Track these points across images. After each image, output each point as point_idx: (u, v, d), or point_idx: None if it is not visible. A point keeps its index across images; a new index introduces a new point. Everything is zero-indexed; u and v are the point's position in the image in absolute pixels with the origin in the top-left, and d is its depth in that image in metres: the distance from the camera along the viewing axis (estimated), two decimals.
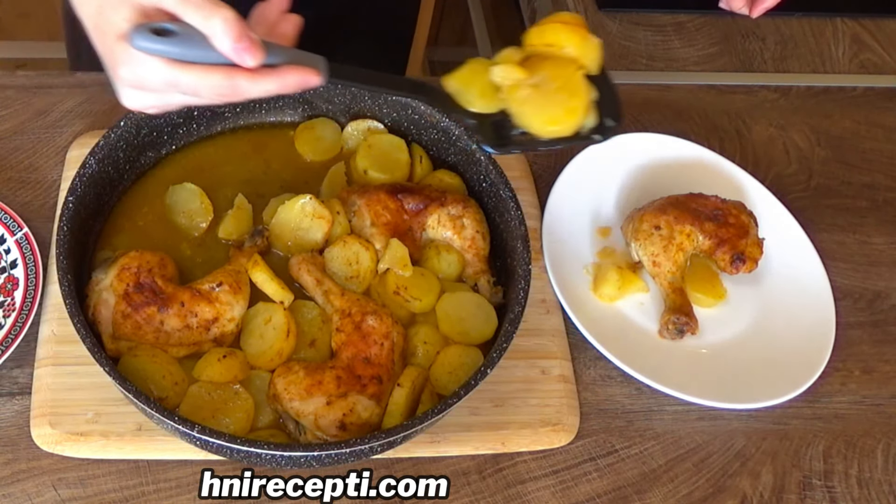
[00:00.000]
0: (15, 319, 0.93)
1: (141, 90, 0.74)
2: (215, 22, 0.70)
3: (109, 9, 0.73)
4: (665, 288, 1.04)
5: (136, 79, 0.73)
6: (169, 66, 0.72)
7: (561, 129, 0.84)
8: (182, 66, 0.72)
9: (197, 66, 0.72)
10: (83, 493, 0.88)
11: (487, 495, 0.92)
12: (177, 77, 0.72)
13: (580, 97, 0.84)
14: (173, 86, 0.73)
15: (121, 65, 0.73)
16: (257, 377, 0.90)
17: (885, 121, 1.30)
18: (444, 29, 2.32)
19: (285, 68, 0.73)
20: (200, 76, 0.72)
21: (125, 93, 0.75)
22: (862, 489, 0.98)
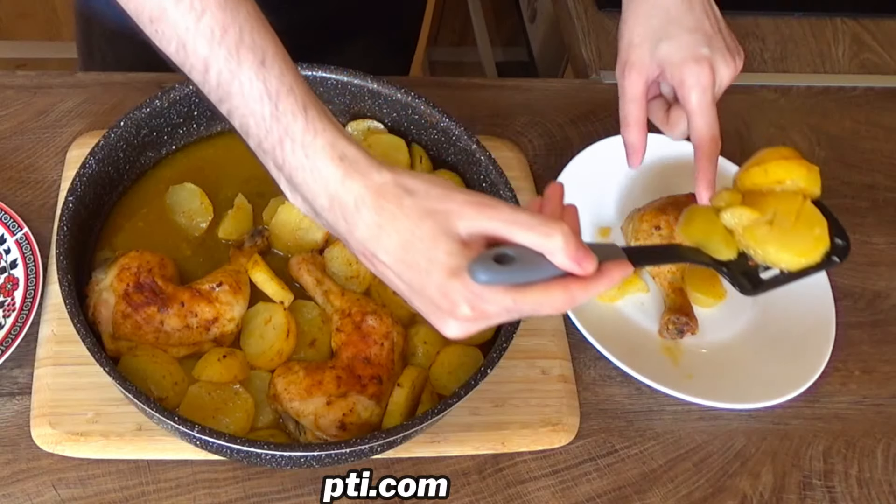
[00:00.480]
0: (15, 319, 0.93)
1: (473, 322, 0.70)
2: (556, 239, 0.67)
3: (427, 244, 0.68)
4: (665, 288, 1.04)
5: (475, 315, 0.69)
6: (510, 292, 0.68)
7: (811, 259, 0.85)
8: (522, 289, 0.68)
9: (536, 287, 0.68)
10: (83, 493, 0.88)
11: (487, 495, 0.92)
12: (519, 302, 0.68)
13: (820, 225, 0.87)
14: (513, 311, 0.69)
15: (460, 303, 0.68)
16: (257, 377, 0.90)
17: (885, 121, 1.30)
18: (444, 29, 2.32)
19: (607, 267, 0.70)
20: (542, 296, 0.68)
21: (453, 327, 0.70)
22: (862, 489, 0.98)
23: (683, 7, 0.92)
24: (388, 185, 0.69)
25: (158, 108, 0.98)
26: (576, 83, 1.32)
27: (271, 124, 0.70)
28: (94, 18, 1.27)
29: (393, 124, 1.06)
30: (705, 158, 0.92)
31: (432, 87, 1.26)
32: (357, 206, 0.69)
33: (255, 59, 0.69)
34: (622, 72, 0.94)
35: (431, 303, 0.70)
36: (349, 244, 0.72)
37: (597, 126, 1.21)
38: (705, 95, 0.91)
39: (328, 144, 0.70)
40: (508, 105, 1.22)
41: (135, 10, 0.70)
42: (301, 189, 0.71)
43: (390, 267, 0.70)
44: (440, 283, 0.68)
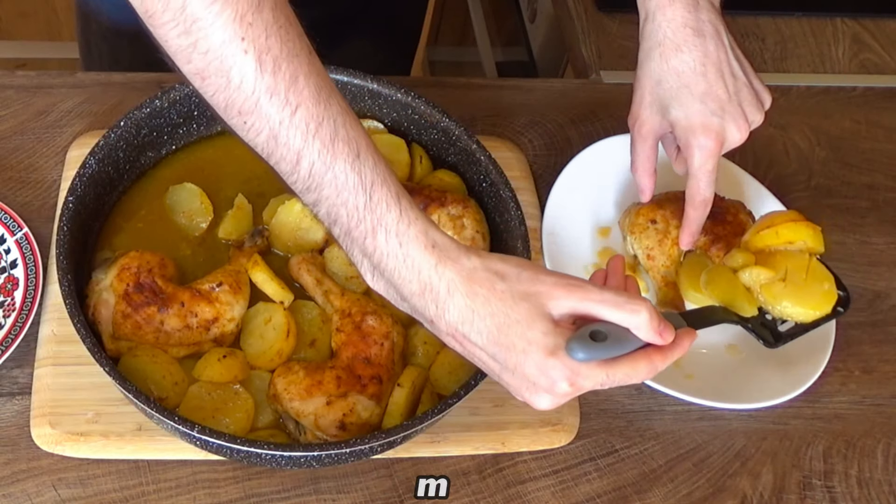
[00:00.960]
0: (15, 319, 0.93)
1: (567, 395, 0.73)
2: (643, 316, 0.72)
3: (523, 326, 0.71)
4: (658, 281, 1.04)
5: (571, 390, 0.72)
6: (603, 368, 0.72)
7: (823, 311, 0.96)
8: (613, 364, 0.72)
9: (625, 361, 0.73)
10: (83, 493, 0.88)
11: (487, 495, 0.92)
12: (611, 376, 0.72)
13: (828, 280, 0.97)
14: (605, 384, 0.73)
15: (559, 380, 0.71)
16: (257, 377, 0.90)
17: (885, 121, 1.30)
18: (444, 29, 2.32)
19: (679, 335, 0.75)
20: (630, 368, 0.73)
21: (549, 401, 0.73)
22: (862, 489, 0.98)
23: (696, 72, 0.93)
24: (479, 271, 0.72)
25: (158, 108, 0.98)
26: (576, 83, 1.32)
27: (364, 214, 0.71)
28: (92, 16, 1.27)
29: (393, 124, 1.06)
30: (694, 215, 0.98)
31: (432, 87, 1.26)
32: (450, 291, 0.71)
33: (350, 151, 0.71)
34: (633, 126, 0.99)
35: (527, 380, 0.73)
36: (437, 327, 0.74)
37: (597, 126, 1.21)
38: (706, 163, 0.95)
39: (421, 233, 0.72)
40: (508, 105, 1.22)
41: (224, 104, 0.70)
42: (391, 275, 0.73)
43: (484, 348, 0.72)
44: (539, 362, 0.71)
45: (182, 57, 0.69)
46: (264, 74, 0.68)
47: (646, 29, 0.95)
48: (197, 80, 0.70)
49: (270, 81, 0.68)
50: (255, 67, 0.67)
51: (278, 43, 0.68)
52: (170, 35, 0.68)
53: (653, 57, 0.94)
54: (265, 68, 0.68)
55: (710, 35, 0.93)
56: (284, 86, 0.69)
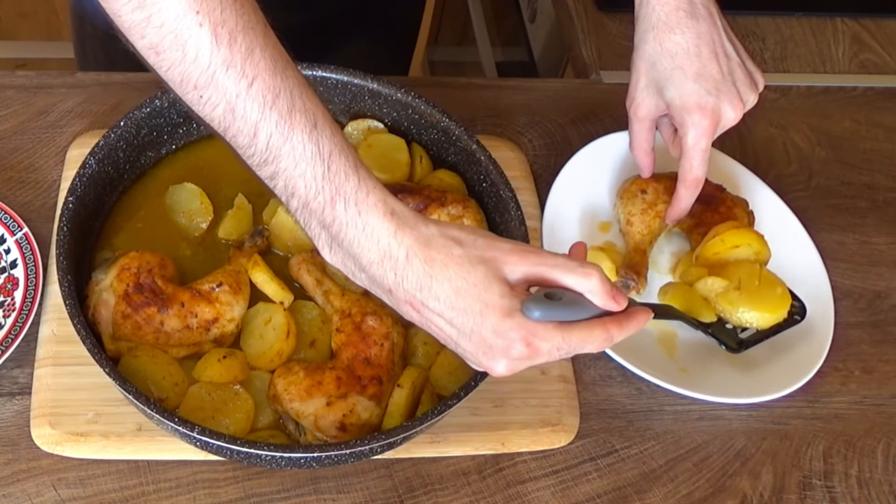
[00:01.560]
0: (15, 319, 0.93)
1: (523, 360, 0.73)
2: (594, 279, 0.73)
3: (479, 288, 0.72)
4: (629, 246, 1.05)
5: (528, 353, 0.72)
6: (559, 329, 0.72)
7: (779, 314, 1.00)
8: (568, 327, 0.73)
9: (580, 325, 0.73)
10: (83, 493, 0.88)
11: (487, 495, 0.92)
12: (566, 339, 0.73)
13: (780, 285, 1.01)
14: (561, 348, 0.73)
15: (515, 341, 0.72)
16: (257, 378, 0.90)
17: (885, 121, 1.30)
18: (444, 29, 2.32)
19: (633, 311, 0.76)
20: (585, 333, 0.73)
21: (505, 365, 0.73)
22: (862, 489, 0.98)
23: (690, 53, 0.94)
24: (437, 237, 0.72)
25: (158, 108, 0.98)
26: (576, 83, 1.32)
27: (322, 184, 0.71)
28: (87, 18, 1.27)
29: (393, 124, 1.06)
30: (684, 192, 1.00)
31: (432, 87, 1.26)
32: (409, 258, 0.72)
33: (307, 122, 0.71)
34: (630, 108, 1.01)
35: (484, 343, 0.73)
36: (395, 296, 0.74)
37: (597, 126, 1.21)
38: (700, 141, 0.96)
39: (380, 202, 0.72)
40: (508, 105, 1.22)
41: (180, 78, 0.70)
42: (349, 245, 0.73)
43: (441, 314, 0.73)
44: (496, 323, 0.71)
45: (136, 32, 0.70)
46: (220, 47, 0.68)
47: (640, 12, 0.96)
48: (151, 56, 0.70)
49: (227, 54, 0.68)
50: (210, 40, 0.68)
51: (233, 16, 0.68)
52: (123, 10, 0.69)
53: (647, 39, 0.96)
54: (221, 41, 0.68)
55: (703, 17, 0.94)
56: (241, 58, 0.69)
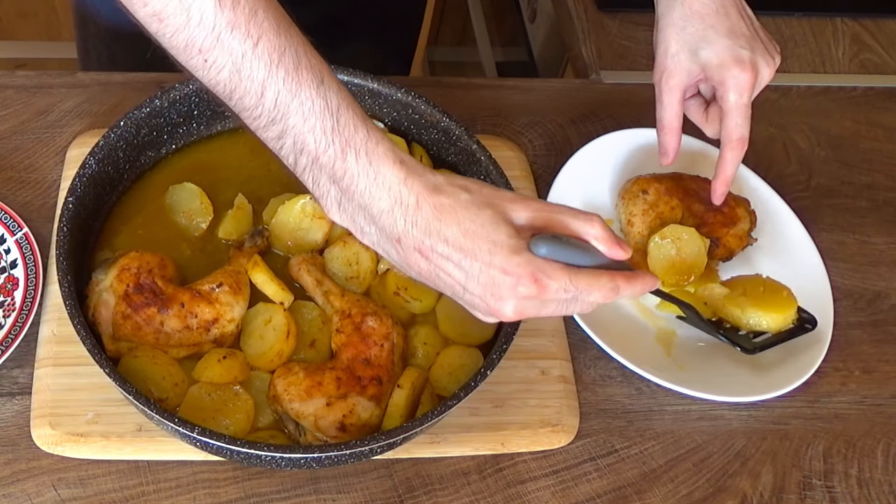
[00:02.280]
0: (15, 319, 0.93)
1: (532, 300, 0.74)
2: (596, 225, 0.75)
3: (488, 230, 0.73)
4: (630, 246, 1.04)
5: (536, 291, 0.73)
6: (566, 271, 0.73)
7: (787, 315, 1.00)
8: (575, 270, 0.74)
9: (587, 270, 0.74)
10: (83, 493, 0.88)
11: (487, 495, 0.92)
12: (574, 281, 0.73)
13: (784, 289, 1.02)
14: (566, 290, 0.74)
15: (522, 277, 0.72)
16: (257, 378, 0.90)
17: (885, 121, 1.30)
18: (444, 29, 2.32)
19: (641, 272, 0.78)
20: (593, 278, 0.74)
21: (514, 306, 0.74)
22: (862, 489, 0.98)
23: (719, 13, 0.95)
24: (444, 185, 0.74)
25: (158, 108, 0.98)
26: (576, 83, 1.32)
27: (332, 137, 0.72)
28: (89, 17, 1.27)
29: (393, 124, 1.06)
30: (730, 156, 0.98)
31: (432, 87, 1.26)
32: (419, 203, 0.73)
33: (313, 78, 0.72)
34: (661, 80, 0.99)
35: (492, 283, 0.73)
36: (404, 244, 0.74)
37: (597, 126, 1.21)
38: (742, 97, 0.96)
39: (389, 151, 0.74)
40: (508, 105, 1.22)
41: (184, 43, 0.71)
42: (360, 196, 0.73)
43: (449, 257, 0.73)
44: (503, 260, 0.72)
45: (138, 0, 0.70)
46: (224, 9, 0.69)
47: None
48: (154, 24, 0.71)
49: (231, 16, 0.69)
50: (214, 3, 0.69)
51: None
52: None
53: (674, 5, 0.96)
54: (224, 3, 0.69)
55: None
56: (244, 19, 0.70)
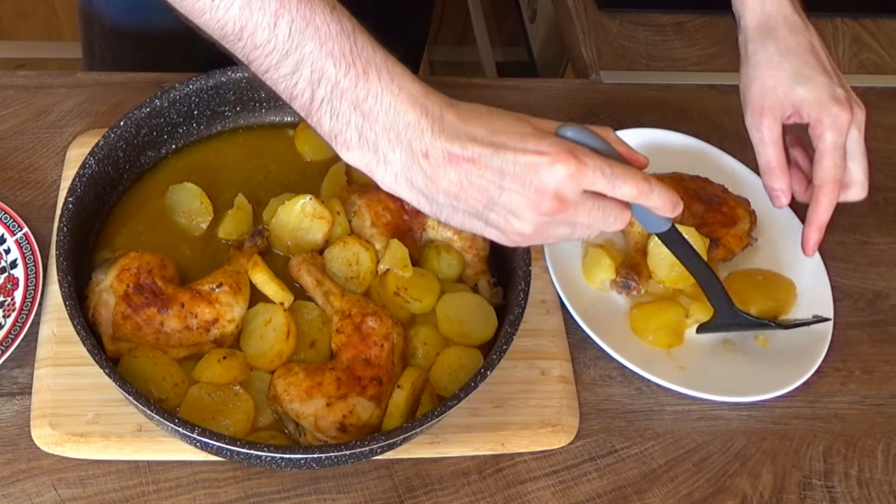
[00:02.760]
0: (15, 319, 0.93)
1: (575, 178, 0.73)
2: (610, 133, 0.78)
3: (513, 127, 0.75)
4: (630, 246, 1.05)
5: (577, 165, 0.72)
6: (598, 155, 0.74)
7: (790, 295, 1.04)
8: (607, 157, 0.75)
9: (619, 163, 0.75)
10: (83, 493, 0.88)
11: (487, 495, 0.92)
12: (608, 164, 0.74)
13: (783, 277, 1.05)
14: (603, 171, 0.73)
15: (559, 155, 0.72)
16: (257, 378, 0.90)
17: (885, 121, 1.30)
18: (444, 29, 2.32)
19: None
20: (625, 167, 0.75)
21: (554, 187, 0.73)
22: (862, 489, 0.98)
23: (812, 51, 0.96)
24: (461, 102, 0.76)
25: (158, 108, 0.98)
26: (576, 83, 1.32)
27: (351, 59, 0.73)
28: (94, 17, 1.28)
29: None
30: (825, 200, 0.96)
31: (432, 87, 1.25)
32: (442, 113, 0.74)
33: (325, 4, 0.73)
34: (759, 117, 0.98)
35: (528, 170, 0.73)
36: (432, 157, 0.73)
37: (597, 125, 1.20)
38: (840, 136, 0.94)
39: (406, 70, 0.75)
40: (508, 105, 1.21)
41: None
42: (385, 114, 0.73)
43: (481, 158, 0.73)
44: (535, 144, 0.73)
45: None
46: None
47: (753, 20, 0.97)
48: None
49: None
50: None
51: None
52: None
53: (768, 43, 0.96)
54: None
55: (808, 21, 0.97)
56: None
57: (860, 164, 0.97)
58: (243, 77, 1.01)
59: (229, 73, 1.00)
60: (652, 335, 1.01)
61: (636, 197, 0.76)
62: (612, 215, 0.76)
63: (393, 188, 0.76)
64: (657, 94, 1.27)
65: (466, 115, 0.74)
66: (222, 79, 1.00)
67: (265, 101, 1.05)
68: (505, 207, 0.75)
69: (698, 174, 1.12)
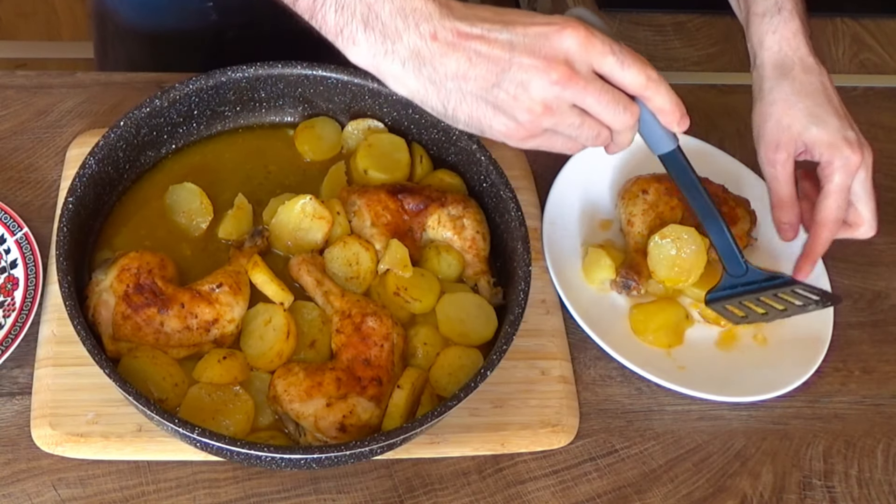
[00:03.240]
0: (15, 319, 0.93)
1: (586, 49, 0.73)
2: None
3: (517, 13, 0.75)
4: (630, 246, 1.05)
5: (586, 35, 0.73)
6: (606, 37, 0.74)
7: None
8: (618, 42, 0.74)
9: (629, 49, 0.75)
10: (83, 493, 0.88)
11: (487, 495, 0.92)
12: (620, 45, 0.73)
13: None
14: (612, 48, 0.73)
15: (568, 25, 0.72)
16: (257, 378, 0.90)
17: (885, 121, 1.30)
18: None
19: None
20: (634, 54, 0.74)
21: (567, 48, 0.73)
22: (862, 489, 0.98)
23: (825, 94, 0.98)
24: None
25: (158, 108, 0.98)
26: None
27: None
28: (108, 16, 1.28)
29: (393, 123, 1.06)
30: (826, 236, 0.98)
31: None
32: (450, 3, 0.73)
33: None
34: (774, 153, 0.99)
35: (538, 39, 0.72)
36: (439, 36, 0.73)
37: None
38: (848, 178, 0.96)
39: None
40: None
41: None
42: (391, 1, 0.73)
43: (490, 33, 0.73)
44: (544, 18, 0.73)
45: None
46: None
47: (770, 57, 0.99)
48: None
49: None
50: None
51: None
52: None
53: (783, 83, 0.98)
54: None
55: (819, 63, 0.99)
56: None
57: (867, 205, 0.99)
58: (243, 77, 1.01)
59: (229, 73, 1.00)
60: (652, 335, 1.01)
61: (644, 85, 0.75)
62: (621, 102, 0.75)
63: (400, 79, 0.75)
64: None
65: (471, 3, 0.74)
66: (222, 79, 1.00)
67: (265, 101, 1.05)
68: (514, 82, 0.73)
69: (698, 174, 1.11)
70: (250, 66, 1.01)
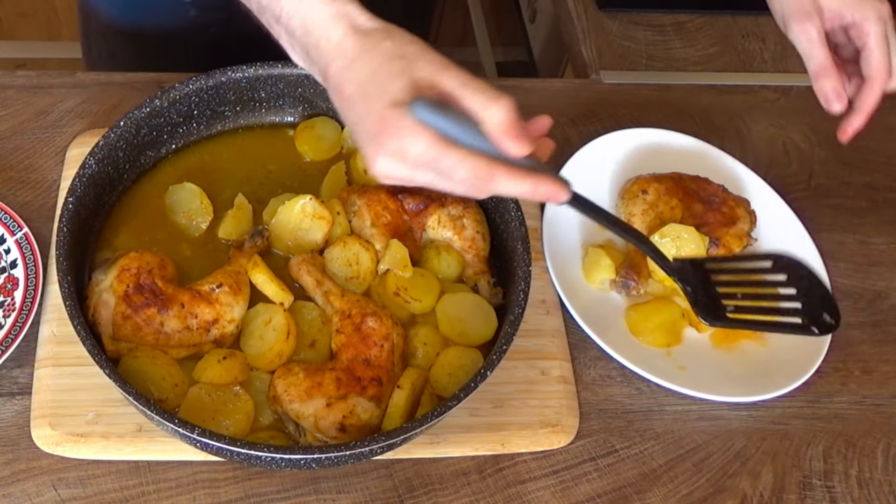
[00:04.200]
0: (15, 319, 0.93)
1: (397, 160, 0.73)
2: (495, 109, 0.72)
3: (387, 77, 0.74)
4: (630, 246, 1.05)
5: (399, 149, 0.73)
6: (435, 142, 0.71)
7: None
8: (447, 144, 0.72)
9: (461, 148, 0.72)
10: (83, 493, 0.88)
11: (487, 495, 0.92)
12: (440, 155, 0.72)
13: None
14: (433, 162, 0.72)
15: (387, 133, 0.73)
16: (257, 378, 0.90)
17: (885, 121, 1.30)
18: (444, 29, 2.31)
19: (541, 175, 0.74)
20: (462, 158, 0.72)
21: (380, 161, 0.74)
22: (862, 489, 0.98)
23: None
24: (374, 31, 0.78)
25: (158, 108, 0.98)
26: (576, 83, 1.32)
27: None
28: (91, 14, 1.28)
29: None
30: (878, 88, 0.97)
31: None
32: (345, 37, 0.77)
33: None
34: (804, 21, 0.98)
35: (370, 130, 0.74)
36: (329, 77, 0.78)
37: (597, 126, 1.21)
38: (884, 27, 0.96)
39: None
40: None
41: None
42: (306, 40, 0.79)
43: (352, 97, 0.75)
44: (381, 110, 0.73)
45: None
46: None
47: None
48: None
49: None
50: None
51: None
52: None
53: None
54: None
55: None
56: None
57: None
58: (243, 77, 1.01)
59: (229, 73, 1.00)
60: (650, 335, 1.01)
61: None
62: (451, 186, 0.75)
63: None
64: (657, 95, 1.27)
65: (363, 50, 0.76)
66: (222, 79, 1.00)
67: (265, 101, 1.05)
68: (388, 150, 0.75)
69: (698, 174, 1.11)
70: (250, 66, 1.01)
